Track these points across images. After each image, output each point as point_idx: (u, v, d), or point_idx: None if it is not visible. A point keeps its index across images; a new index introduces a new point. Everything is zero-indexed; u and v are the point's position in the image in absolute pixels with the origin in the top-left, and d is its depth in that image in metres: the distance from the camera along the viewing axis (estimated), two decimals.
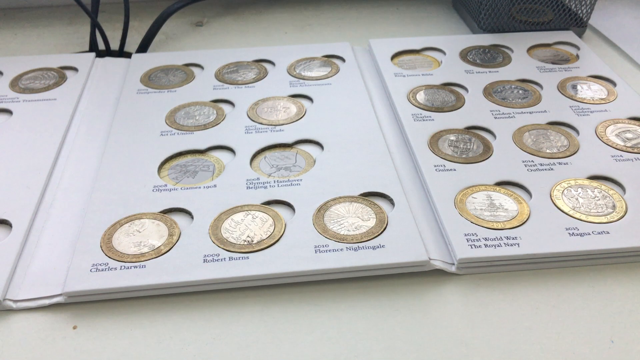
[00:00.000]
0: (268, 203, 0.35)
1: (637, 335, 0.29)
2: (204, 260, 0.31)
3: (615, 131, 0.42)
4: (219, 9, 0.65)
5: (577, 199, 0.36)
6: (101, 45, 0.55)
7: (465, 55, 0.52)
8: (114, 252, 0.32)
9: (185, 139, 0.41)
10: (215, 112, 0.44)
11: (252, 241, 0.33)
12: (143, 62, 0.51)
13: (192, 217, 0.34)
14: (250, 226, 0.34)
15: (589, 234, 0.33)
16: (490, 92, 0.47)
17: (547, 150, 0.40)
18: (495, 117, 0.43)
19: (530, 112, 0.44)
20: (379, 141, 0.41)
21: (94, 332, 0.29)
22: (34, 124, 0.43)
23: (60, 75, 0.49)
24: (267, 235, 0.33)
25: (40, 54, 0.55)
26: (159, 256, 0.32)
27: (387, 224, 0.34)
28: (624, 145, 0.40)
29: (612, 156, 0.39)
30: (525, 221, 0.34)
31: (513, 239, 0.33)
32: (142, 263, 0.31)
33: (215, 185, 0.37)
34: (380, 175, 0.37)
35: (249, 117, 0.44)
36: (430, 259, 0.32)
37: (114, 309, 0.30)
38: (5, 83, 0.48)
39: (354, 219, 0.34)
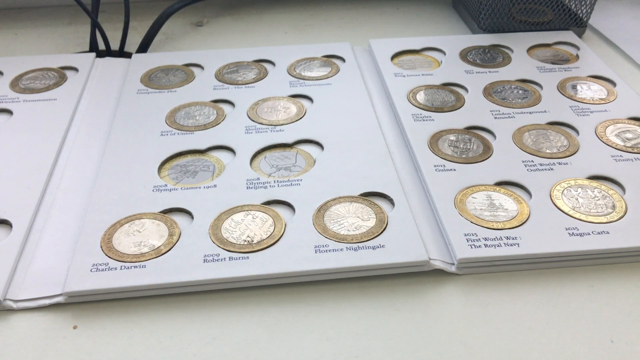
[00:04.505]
0: (268, 203, 0.35)
1: (637, 335, 0.29)
2: (204, 260, 0.31)
3: (615, 131, 0.42)
4: (219, 9, 0.65)
5: (577, 199, 0.36)
6: (101, 45, 0.55)
7: (465, 55, 0.52)
8: (114, 252, 0.32)
9: (185, 139, 0.41)
10: (215, 112, 0.44)
11: (252, 241, 0.33)
12: (143, 62, 0.51)
13: (192, 217, 0.34)
14: (250, 226, 0.34)
15: (589, 234, 0.33)
16: (490, 92, 0.47)
17: (547, 150, 0.40)
18: (495, 117, 0.43)
19: (530, 112, 0.44)
20: (379, 141, 0.41)
21: (94, 332, 0.29)
22: (34, 124, 0.43)
23: (60, 75, 0.49)
24: (267, 235, 0.33)
25: (40, 54, 0.55)
26: (159, 256, 0.32)
27: (387, 224, 0.34)
28: (624, 145, 0.40)
29: (612, 156, 0.39)
30: (525, 221, 0.34)
31: (513, 239, 0.33)
32: (142, 263, 0.31)
33: (215, 185, 0.37)
34: (380, 175, 0.37)
35: (249, 117, 0.44)
36: (430, 259, 0.32)
37: (114, 309, 0.30)
38: (5, 83, 0.48)
39: (354, 219, 0.34)
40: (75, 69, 0.50)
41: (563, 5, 0.57)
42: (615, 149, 0.40)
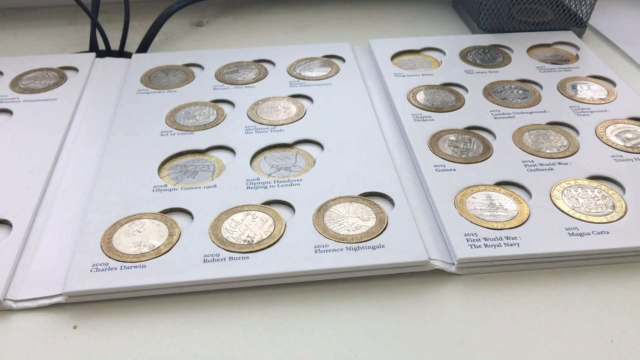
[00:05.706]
0: (268, 203, 0.35)
1: (637, 335, 0.29)
2: (204, 260, 0.31)
3: (615, 131, 0.42)
4: (219, 9, 0.65)
5: (576, 199, 0.36)
6: (101, 45, 0.55)
7: (465, 55, 0.52)
8: (114, 252, 0.32)
9: (185, 139, 0.41)
10: (215, 112, 0.44)
11: (252, 241, 0.33)
12: (143, 62, 0.51)
13: (192, 217, 0.34)
14: (250, 226, 0.34)
15: (589, 234, 0.33)
16: (490, 92, 0.47)
17: (547, 150, 0.40)
18: (495, 117, 0.43)
19: (530, 112, 0.44)
20: (379, 141, 0.41)
21: (94, 332, 0.29)
22: (34, 124, 0.43)
23: (60, 75, 0.49)
24: (267, 235, 0.33)
25: (40, 54, 0.55)
26: (159, 256, 0.32)
27: (387, 224, 0.34)
28: (624, 145, 0.40)
29: (611, 156, 0.39)
30: (525, 221, 0.34)
31: (513, 239, 0.33)
32: (142, 263, 0.31)
33: (215, 185, 0.37)
34: (380, 175, 0.37)
35: (249, 117, 0.44)
36: (430, 259, 0.32)
37: (114, 309, 0.30)
38: (5, 83, 0.48)
39: (354, 219, 0.34)
40: (75, 69, 0.50)
41: (563, 5, 0.57)
42: (615, 149, 0.40)
